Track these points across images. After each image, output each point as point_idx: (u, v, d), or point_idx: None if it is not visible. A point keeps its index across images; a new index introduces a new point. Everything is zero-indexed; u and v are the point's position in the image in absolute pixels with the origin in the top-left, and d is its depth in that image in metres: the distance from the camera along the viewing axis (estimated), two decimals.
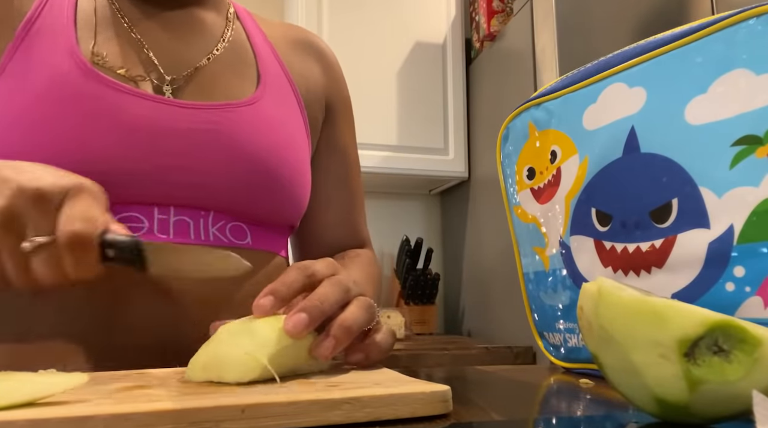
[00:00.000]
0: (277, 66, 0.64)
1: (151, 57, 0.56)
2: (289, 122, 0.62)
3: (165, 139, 0.52)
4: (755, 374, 0.25)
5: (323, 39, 1.77)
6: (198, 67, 0.58)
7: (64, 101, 0.49)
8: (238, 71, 0.60)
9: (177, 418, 0.25)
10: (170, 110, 0.53)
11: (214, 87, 0.57)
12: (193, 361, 0.36)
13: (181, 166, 0.52)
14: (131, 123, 0.51)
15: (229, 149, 0.54)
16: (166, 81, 0.55)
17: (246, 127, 0.56)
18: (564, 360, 0.56)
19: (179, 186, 0.52)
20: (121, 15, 0.56)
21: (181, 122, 0.53)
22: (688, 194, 0.43)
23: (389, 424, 0.30)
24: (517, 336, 1.53)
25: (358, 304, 0.41)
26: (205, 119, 0.54)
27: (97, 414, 0.25)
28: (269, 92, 0.61)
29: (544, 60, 1.43)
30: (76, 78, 0.50)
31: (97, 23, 0.55)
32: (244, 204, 0.56)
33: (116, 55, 0.54)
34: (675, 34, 0.46)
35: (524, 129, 0.60)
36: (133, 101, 0.51)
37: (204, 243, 0.53)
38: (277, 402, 0.27)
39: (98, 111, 0.50)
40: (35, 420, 0.24)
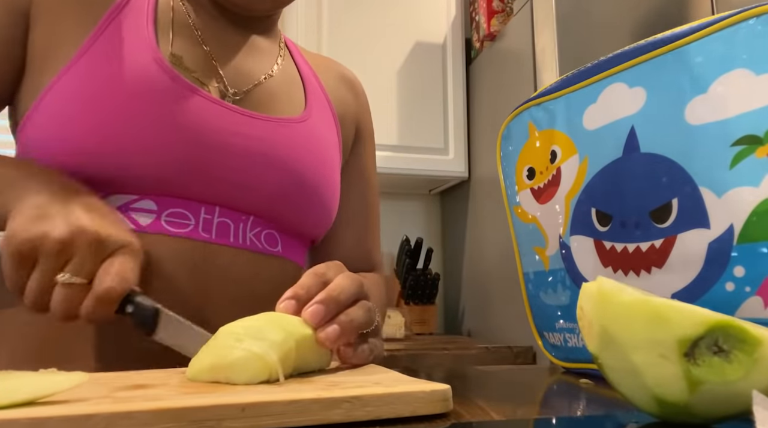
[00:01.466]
0: (320, 91, 0.70)
1: (218, 69, 0.60)
2: (329, 142, 0.66)
3: (225, 140, 0.55)
4: (755, 374, 0.25)
5: (323, 39, 1.78)
6: (257, 83, 0.62)
7: (141, 94, 0.52)
8: (289, 92, 0.65)
9: (178, 417, 0.25)
10: (233, 115, 0.57)
11: (270, 104, 0.62)
12: (197, 363, 0.36)
13: (236, 167, 0.55)
14: (198, 122, 0.54)
15: (279, 159, 0.58)
16: (229, 92, 0.59)
17: (296, 142, 0.60)
18: (564, 360, 0.56)
19: (229, 186, 0.55)
20: (195, 27, 0.60)
21: (242, 128, 0.56)
22: (688, 194, 0.43)
23: (389, 423, 0.30)
24: (517, 336, 1.53)
25: (362, 305, 0.44)
26: (262, 128, 0.58)
27: (97, 412, 0.24)
28: (315, 113, 0.66)
29: (544, 60, 1.43)
30: (155, 73, 0.53)
31: (174, 29, 0.58)
32: (283, 213, 0.59)
33: (190, 60, 0.58)
34: (675, 34, 0.46)
35: (524, 129, 0.60)
36: (202, 103, 0.55)
37: (241, 247, 0.56)
38: (277, 400, 0.27)
39: (171, 107, 0.53)
40: (36, 419, 0.24)
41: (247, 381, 0.34)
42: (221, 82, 0.59)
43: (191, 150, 0.53)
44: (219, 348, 0.36)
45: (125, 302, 0.44)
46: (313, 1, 1.80)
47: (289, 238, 0.62)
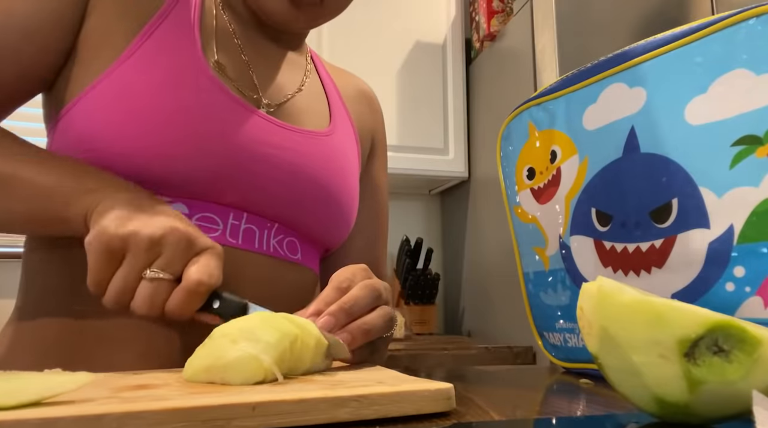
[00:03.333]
0: (341, 105, 0.72)
1: (254, 80, 0.61)
2: (351, 155, 0.68)
3: (261, 150, 0.56)
4: (755, 374, 0.25)
5: (323, 39, 1.78)
6: (290, 96, 0.64)
7: (181, 98, 0.53)
8: (316, 106, 0.67)
9: (188, 416, 0.26)
10: (269, 125, 0.58)
11: (300, 116, 0.64)
12: (193, 364, 0.36)
13: (267, 176, 0.56)
14: (236, 130, 0.55)
15: (307, 171, 0.59)
16: (263, 103, 0.60)
17: (323, 154, 0.62)
18: (564, 360, 0.56)
19: (260, 194, 0.56)
20: (235, 36, 0.61)
21: (276, 138, 0.58)
22: (688, 194, 0.43)
23: (389, 423, 0.30)
24: (517, 336, 1.53)
25: (381, 313, 0.46)
26: (294, 139, 0.60)
27: (109, 412, 0.25)
28: (339, 127, 0.68)
29: (544, 60, 1.43)
30: (202, 83, 0.54)
31: (218, 37, 0.60)
32: (306, 222, 0.61)
33: (231, 69, 0.59)
34: (675, 34, 0.46)
35: (524, 129, 0.60)
36: (241, 111, 0.56)
37: (264, 253, 0.57)
38: (286, 399, 0.28)
39: (208, 111, 0.53)
40: (47, 419, 0.24)
41: (243, 382, 0.34)
42: (257, 93, 0.60)
43: (229, 158, 0.54)
44: (214, 350, 0.36)
45: (211, 299, 0.45)
46: None
47: (308, 246, 0.63)
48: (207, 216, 0.54)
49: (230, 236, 0.55)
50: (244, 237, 0.56)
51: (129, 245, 0.43)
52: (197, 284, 0.43)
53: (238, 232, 0.55)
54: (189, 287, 0.43)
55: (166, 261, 0.43)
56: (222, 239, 0.54)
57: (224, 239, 0.54)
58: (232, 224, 0.55)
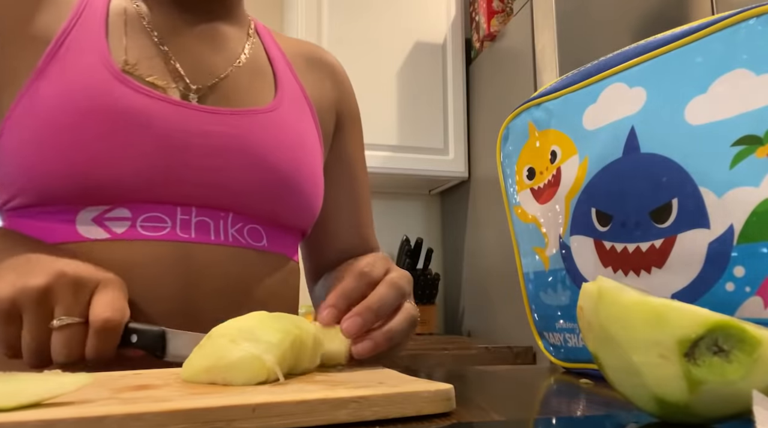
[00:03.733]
0: (292, 78, 0.68)
1: (178, 68, 0.58)
2: (304, 131, 0.65)
3: (190, 141, 0.54)
4: (755, 374, 0.25)
5: (323, 40, 1.78)
6: (221, 77, 0.61)
7: (95, 106, 0.51)
8: (258, 82, 0.64)
9: (189, 418, 0.26)
10: (196, 114, 0.56)
11: (236, 96, 0.60)
12: (192, 364, 0.36)
13: (205, 167, 0.55)
14: (158, 126, 0.53)
15: (250, 153, 0.57)
16: (192, 90, 0.58)
17: (266, 132, 0.59)
18: (564, 360, 0.56)
19: (202, 186, 0.55)
20: (150, 29, 0.59)
21: (206, 126, 0.56)
22: (688, 194, 0.43)
23: (389, 423, 0.30)
24: (517, 336, 1.53)
25: (405, 316, 0.46)
26: (228, 123, 0.57)
27: (110, 414, 0.25)
28: (286, 102, 0.64)
29: (544, 60, 1.43)
30: (110, 84, 0.53)
31: (128, 36, 0.58)
32: (261, 207, 0.58)
33: (146, 65, 0.57)
34: (675, 34, 0.46)
35: (524, 129, 0.60)
36: (160, 106, 0.54)
37: (223, 244, 0.56)
38: (286, 401, 0.28)
39: (128, 115, 0.52)
40: (47, 421, 0.24)
41: (245, 383, 0.34)
42: (182, 81, 0.58)
43: (156, 156, 0.52)
44: (214, 350, 0.36)
45: (127, 334, 0.44)
46: (314, 2, 1.80)
47: (275, 231, 0.61)
48: (152, 216, 0.53)
49: (181, 231, 0.53)
50: (198, 230, 0.54)
51: (20, 304, 0.41)
52: (104, 324, 0.42)
53: (189, 226, 0.54)
54: (98, 327, 0.42)
55: (65, 306, 0.42)
56: (172, 235, 0.53)
57: (175, 235, 0.53)
58: (181, 219, 0.54)
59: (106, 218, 0.52)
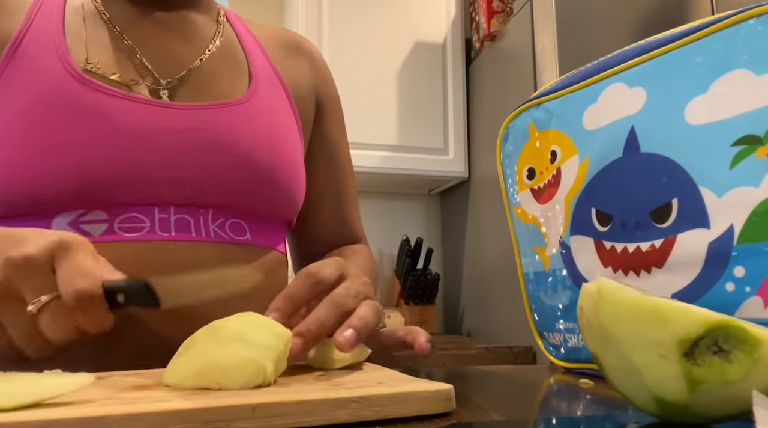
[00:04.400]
0: (267, 66, 0.65)
1: (144, 62, 0.56)
2: (281, 120, 0.63)
3: (161, 140, 0.53)
4: (755, 374, 0.25)
5: (323, 39, 1.78)
6: (191, 68, 0.59)
7: (59, 109, 0.50)
8: (230, 71, 0.61)
9: (189, 418, 0.26)
10: (165, 111, 0.54)
11: (208, 87, 0.58)
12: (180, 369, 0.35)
13: (179, 164, 0.53)
14: (126, 127, 0.51)
15: (225, 148, 0.55)
16: (162, 85, 0.56)
17: (240, 126, 0.57)
18: (564, 360, 0.56)
19: (178, 185, 0.53)
20: (111, 24, 0.57)
21: (176, 122, 0.54)
22: (688, 194, 0.43)
23: (389, 423, 0.30)
24: (517, 336, 1.53)
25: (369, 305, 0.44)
26: (200, 118, 0.55)
27: (110, 414, 0.25)
28: (261, 91, 0.62)
29: (544, 60, 1.43)
30: (70, 86, 0.51)
31: (87, 33, 0.55)
32: (241, 201, 0.57)
33: (109, 63, 0.54)
34: (675, 34, 0.46)
35: (524, 129, 0.60)
36: (127, 105, 0.52)
37: (205, 240, 0.54)
38: (287, 401, 0.28)
39: (93, 117, 0.50)
40: (48, 421, 0.24)
41: (242, 386, 0.33)
42: (150, 76, 0.56)
43: (127, 157, 0.51)
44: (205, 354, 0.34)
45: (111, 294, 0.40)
46: (314, 1, 1.80)
47: (258, 224, 0.59)
48: (129, 217, 0.51)
49: (160, 230, 0.52)
50: (177, 228, 0.53)
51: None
52: (78, 295, 0.38)
53: (168, 225, 0.52)
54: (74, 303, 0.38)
55: (30, 290, 0.39)
56: (152, 235, 0.51)
57: (154, 234, 0.52)
58: (160, 218, 0.52)
59: (82, 221, 0.51)
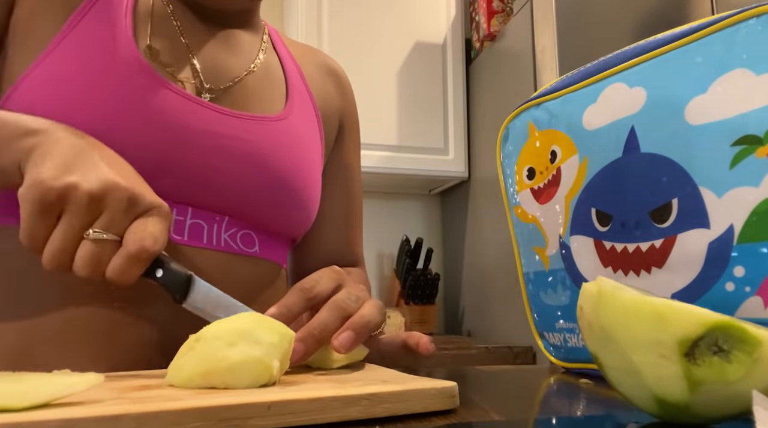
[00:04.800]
0: (302, 86, 0.67)
1: (195, 64, 0.58)
2: (310, 139, 0.64)
3: (197, 138, 0.53)
4: (755, 374, 0.25)
5: (323, 40, 1.78)
6: (235, 80, 0.60)
7: (112, 87, 0.50)
8: (270, 89, 0.63)
9: (206, 415, 0.26)
10: (208, 112, 0.55)
11: (249, 101, 0.60)
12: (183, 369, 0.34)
13: (209, 166, 0.54)
14: (169, 118, 0.52)
15: (256, 158, 0.56)
16: (205, 89, 0.57)
17: (275, 141, 0.59)
18: (564, 360, 0.56)
19: (202, 186, 0.54)
20: (174, 18, 0.59)
21: (215, 126, 0.55)
22: (688, 194, 0.43)
23: (389, 422, 0.30)
24: (517, 336, 1.53)
25: (372, 304, 0.45)
26: (238, 126, 0.56)
27: (127, 412, 0.25)
28: (296, 110, 0.64)
29: (544, 60, 1.43)
30: (128, 67, 0.52)
31: (153, 20, 0.57)
32: (258, 213, 0.58)
33: (167, 54, 0.56)
34: (675, 34, 0.46)
35: (524, 129, 0.60)
36: (174, 98, 0.53)
37: (215, 249, 0.55)
38: (301, 398, 0.28)
39: (143, 102, 0.51)
40: (66, 420, 0.24)
41: (248, 386, 0.33)
42: (197, 78, 0.57)
43: (160, 147, 0.51)
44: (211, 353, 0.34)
45: (154, 267, 0.42)
46: (314, 2, 1.80)
47: (268, 238, 0.60)
48: None
49: (175, 233, 0.52)
50: (191, 233, 0.53)
51: (67, 201, 0.39)
52: (139, 251, 0.40)
53: (183, 228, 0.53)
54: (130, 253, 0.40)
55: (109, 221, 0.40)
56: None
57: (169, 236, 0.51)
58: (176, 219, 0.53)
59: None
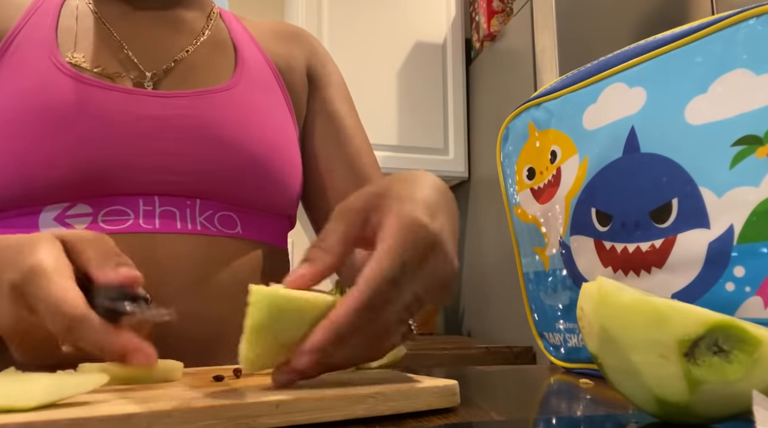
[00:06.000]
0: (258, 55, 0.66)
1: (131, 56, 0.58)
2: (271, 107, 0.62)
3: (144, 128, 0.53)
4: (755, 374, 0.25)
5: (323, 40, 1.78)
6: (176, 60, 0.60)
7: (45, 103, 0.51)
8: (217, 62, 0.62)
9: (216, 414, 0.27)
10: (148, 100, 0.55)
11: (193, 78, 0.59)
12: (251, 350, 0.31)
13: (163, 152, 0.53)
14: (110, 116, 0.53)
15: (210, 134, 0.55)
16: (147, 77, 0.57)
17: (225, 111, 0.57)
18: (564, 360, 0.56)
19: (162, 173, 0.53)
20: (102, 21, 0.59)
21: (158, 110, 0.54)
22: (688, 194, 0.43)
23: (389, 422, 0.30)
24: (517, 336, 1.53)
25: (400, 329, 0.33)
26: (184, 105, 0.56)
27: (138, 412, 0.25)
28: (247, 79, 0.62)
29: (544, 60, 1.43)
30: (55, 77, 0.53)
31: (78, 30, 0.58)
32: (228, 191, 0.56)
33: (95, 57, 0.56)
34: (675, 34, 0.46)
35: (524, 129, 0.60)
36: (110, 95, 0.53)
37: (191, 232, 0.53)
38: (308, 397, 0.29)
39: (78, 107, 0.52)
40: (77, 419, 0.24)
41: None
42: (135, 70, 0.57)
43: (110, 147, 0.51)
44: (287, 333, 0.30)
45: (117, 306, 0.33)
46: (314, 2, 1.80)
47: (251, 217, 0.58)
48: (113, 209, 0.51)
49: (144, 223, 0.52)
50: (162, 220, 0.52)
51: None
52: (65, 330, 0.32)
53: (153, 217, 0.52)
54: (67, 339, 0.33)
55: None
56: (135, 227, 0.51)
57: (138, 226, 0.51)
58: (144, 210, 0.52)
59: (68, 216, 0.51)
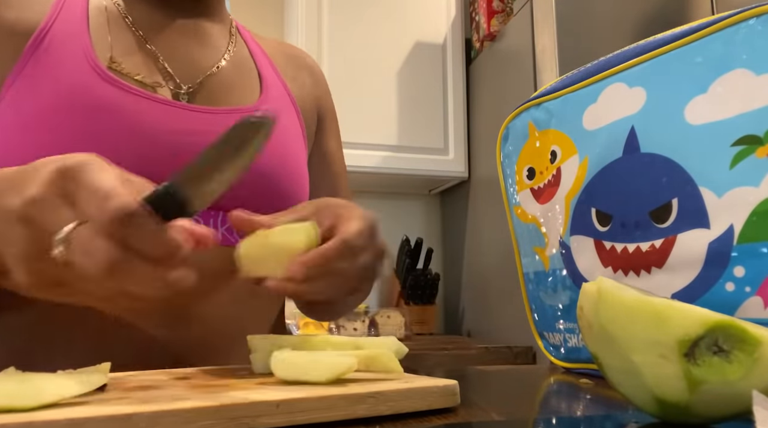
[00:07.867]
0: (275, 76, 0.67)
1: (166, 67, 0.58)
2: (289, 130, 0.64)
3: (180, 142, 0.53)
4: (755, 374, 0.25)
5: (323, 40, 1.78)
6: (208, 74, 0.60)
7: (83, 105, 0.50)
8: (244, 80, 0.63)
9: (217, 414, 0.27)
10: (186, 114, 0.55)
11: (224, 94, 0.60)
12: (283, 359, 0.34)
13: None
14: (150, 127, 0.52)
15: None
16: (183, 89, 0.58)
17: None
18: (564, 360, 0.56)
19: None
20: (135, 28, 0.58)
21: (197, 125, 0.55)
22: (688, 194, 0.43)
23: (389, 422, 0.30)
24: (517, 336, 1.53)
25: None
26: (218, 122, 0.56)
27: (139, 411, 0.25)
28: (271, 101, 0.64)
29: (544, 60, 1.43)
30: (95, 82, 0.51)
31: (111, 35, 0.56)
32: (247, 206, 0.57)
33: (132, 65, 0.56)
34: (675, 34, 0.46)
35: (524, 129, 0.60)
36: (150, 105, 0.53)
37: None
38: (308, 397, 0.29)
39: (116, 114, 0.51)
40: (77, 419, 0.24)
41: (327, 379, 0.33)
42: (171, 80, 0.57)
43: (145, 157, 0.51)
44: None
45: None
46: (314, 2, 1.80)
47: None
48: None
49: None
50: None
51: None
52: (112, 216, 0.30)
53: None
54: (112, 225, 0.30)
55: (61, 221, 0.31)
56: None
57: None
58: None
59: None
